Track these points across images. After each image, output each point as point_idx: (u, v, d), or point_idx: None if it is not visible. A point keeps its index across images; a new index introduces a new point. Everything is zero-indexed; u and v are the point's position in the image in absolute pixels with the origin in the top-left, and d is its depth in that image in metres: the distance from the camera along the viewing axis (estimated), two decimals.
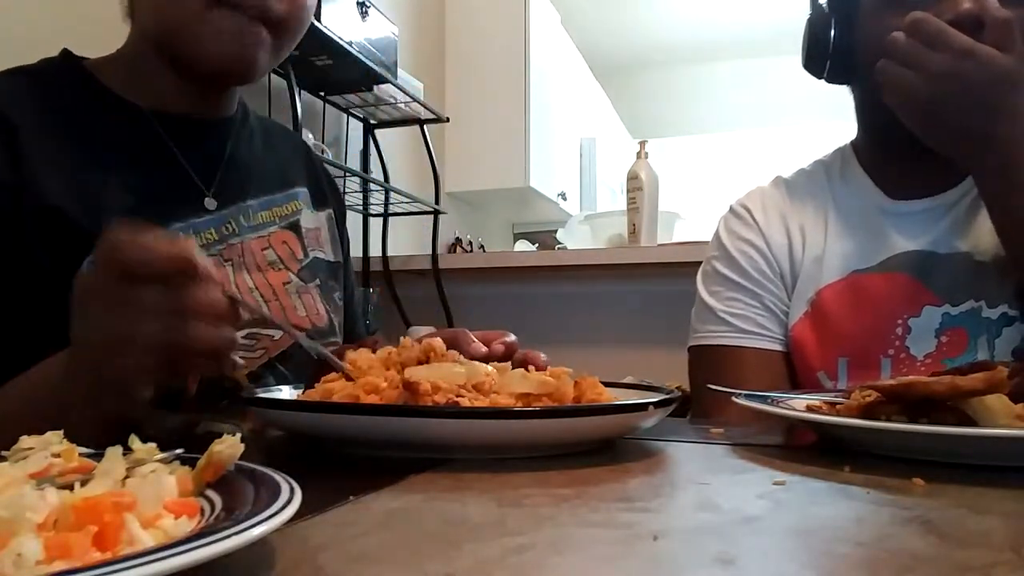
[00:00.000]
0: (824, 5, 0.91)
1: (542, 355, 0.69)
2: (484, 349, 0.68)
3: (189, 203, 0.77)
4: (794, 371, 0.90)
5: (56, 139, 0.70)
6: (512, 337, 0.71)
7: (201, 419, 0.59)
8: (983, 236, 0.84)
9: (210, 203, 0.78)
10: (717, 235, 0.98)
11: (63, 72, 0.76)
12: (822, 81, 0.95)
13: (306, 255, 0.87)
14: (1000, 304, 0.83)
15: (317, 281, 0.86)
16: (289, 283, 0.82)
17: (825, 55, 0.90)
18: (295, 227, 0.87)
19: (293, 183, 0.90)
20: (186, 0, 0.69)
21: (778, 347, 0.90)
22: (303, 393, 0.56)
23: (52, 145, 0.70)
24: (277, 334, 0.77)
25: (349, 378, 0.53)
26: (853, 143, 0.97)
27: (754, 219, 0.95)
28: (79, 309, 0.50)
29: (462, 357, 0.56)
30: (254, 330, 0.76)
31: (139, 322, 0.47)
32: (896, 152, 0.89)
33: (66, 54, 0.78)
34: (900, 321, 0.85)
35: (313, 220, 0.90)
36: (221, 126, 0.84)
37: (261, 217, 0.83)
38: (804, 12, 0.94)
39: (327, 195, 0.97)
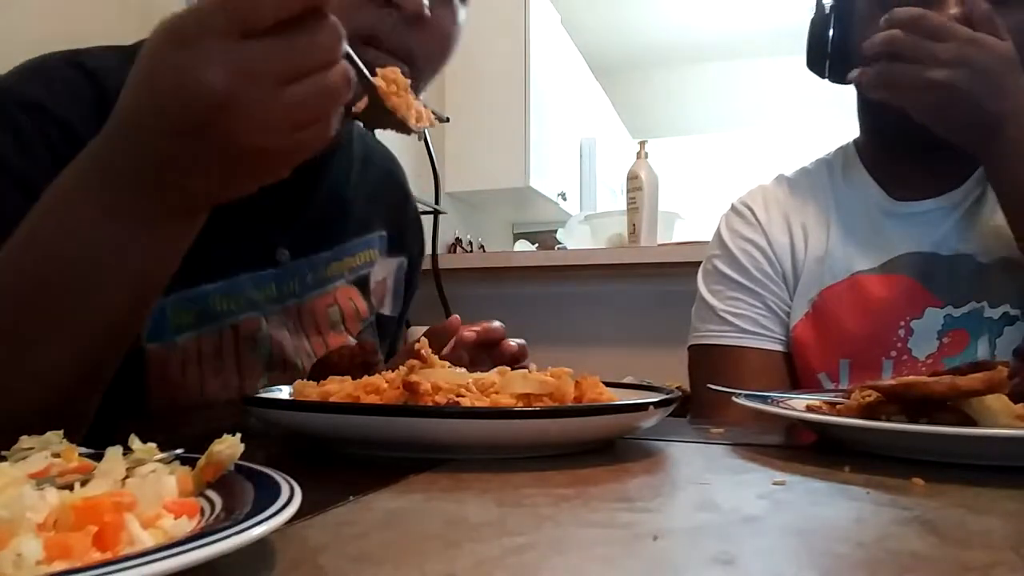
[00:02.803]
0: (826, 6, 0.91)
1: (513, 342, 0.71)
2: (472, 335, 0.69)
3: (256, 252, 0.69)
4: (795, 372, 0.90)
5: None
6: (496, 324, 0.72)
7: None
8: (986, 237, 0.84)
9: (281, 254, 0.71)
10: (719, 233, 0.98)
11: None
12: (822, 82, 0.95)
13: (371, 312, 0.81)
14: (1002, 304, 0.83)
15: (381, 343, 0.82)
16: None
17: (826, 55, 0.91)
18: (363, 282, 0.80)
19: (373, 225, 0.82)
20: None
21: (779, 347, 0.90)
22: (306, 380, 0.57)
23: None
24: None
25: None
26: (855, 142, 0.97)
27: (756, 218, 0.94)
28: (245, 84, 0.39)
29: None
30: None
31: (319, 81, 0.39)
32: (899, 152, 0.89)
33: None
34: (902, 323, 0.85)
35: (382, 270, 0.83)
36: (312, 164, 0.75)
37: (330, 270, 0.76)
38: (804, 13, 0.94)
39: (406, 239, 0.88)
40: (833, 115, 3.33)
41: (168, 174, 0.43)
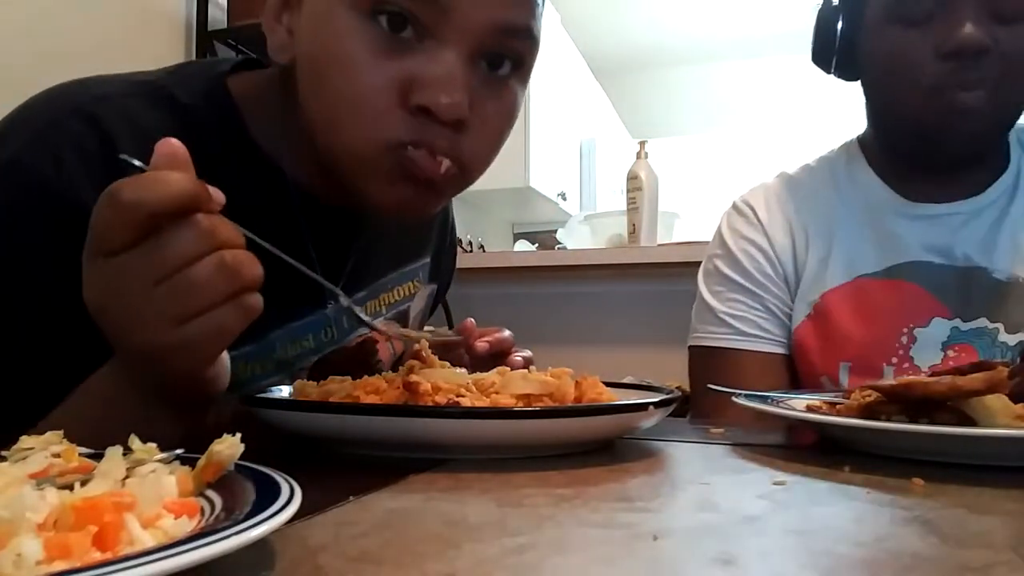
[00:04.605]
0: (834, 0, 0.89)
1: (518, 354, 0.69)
2: (486, 347, 0.68)
3: (305, 300, 0.66)
4: (795, 374, 0.89)
5: None
6: (506, 333, 0.71)
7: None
8: (1007, 253, 0.82)
9: (332, 310, 0.68)
10: (720, 232, 0.96)
11: (204, 103, 0.61)
12: (824, 82, 0.95)
13: (406, 349, 0.77)
14: (1019, 331, 0.80)
15: None
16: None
17: (832, 51, 0.89)
18: (403, 317, 0.77)
19: (417, 255, 0.79)
20: (363, 139, 0.56)
21: (779, 350, 0.89)
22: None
23: None
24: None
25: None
26: (860, 139, 0.94)
27: (758, 218, 0.93)
28: (105, 300, 0.42)
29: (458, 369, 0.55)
30: None
31: (189, 274, 0.40)
32: (911, 163, 0.87)
33: (213, 68, 0.64)
34: (905, 330, 0.83)
35: (420, 299, 0.80)
36: (363, 220, 0.70)
37: (368, 308, 0.73)
38: (805, 13, 0.93)
39: (441, 265, 0.86)
40: (834, 115, 3.33)
41: (128, 370, 0.46)
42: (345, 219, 0.68)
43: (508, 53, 0.58)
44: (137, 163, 0.42)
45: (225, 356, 0.48)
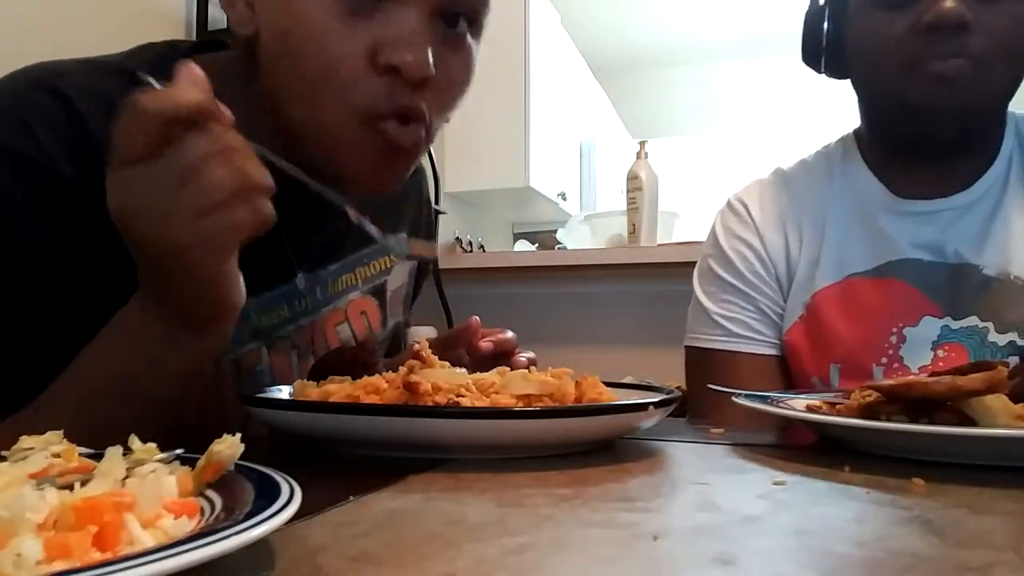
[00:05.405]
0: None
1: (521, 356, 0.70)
2: (490, 346, 0.68)
3: (275, 272, 0.67)
4: (790, 376, 0.89)
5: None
6: (510, 334, 0.71)
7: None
8: (998, 250, 0.81)
9: (301, 280, 0.69)
10: (713, 231, 0.95)
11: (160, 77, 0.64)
12: (823, 81, 0.94)
13: (384, 326, 0.78)
14: (1008, 331, 0.79)
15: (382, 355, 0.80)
16: None
17: (820, 49, 0.89)
18: (379, 291, 0.77)
19: (393, 228, 0.80)
20: (338, 111, 0.57)
21: (772, 351, 0.89)
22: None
23: None
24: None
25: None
26: (856, 132, 0.94)
27: (751, 217, 0.92)
28: (129, 201, 0.45)
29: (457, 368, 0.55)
30: None
31: (206, 174, 0.43)
32: (900, 150, 0.87)
33: (171, 47, 0.65)
34: (895, 330, 0.83)
35: (400, 275, 0.81)
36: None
37: (342, 282, 0.73)
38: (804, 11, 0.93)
39: (420, 240, 0.87)
40: (834, 115, 3.33)
41: (151, 285, 0.49)
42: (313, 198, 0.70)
43: (463, 10, 0.60)
44: (155, 83, 0.46)
45: (238, 272, 0.49)
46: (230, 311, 0.50)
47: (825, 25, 0.88)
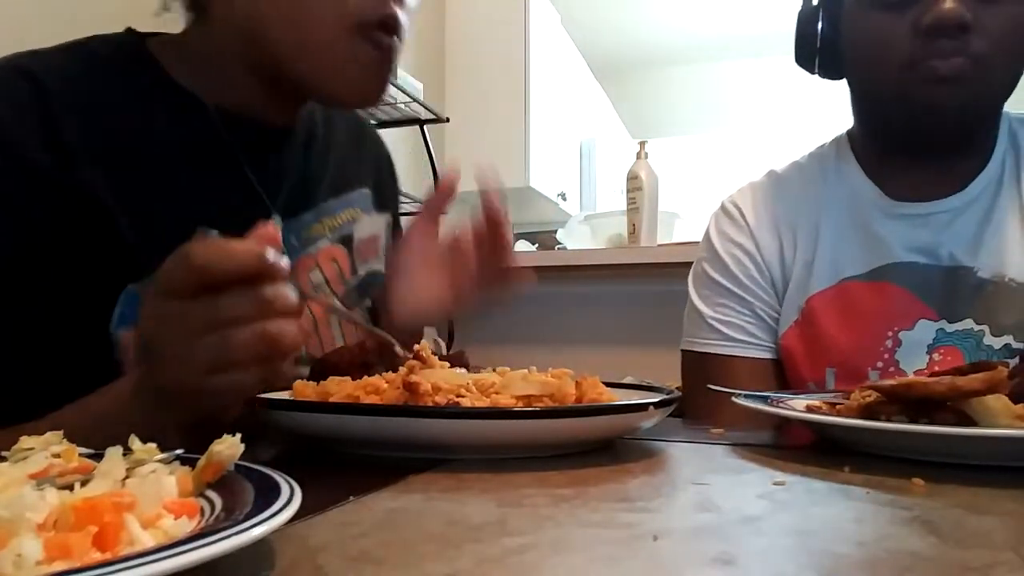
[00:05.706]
0: (813, 0, 0.89)
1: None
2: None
3: (252, 222, 0.71)
4: (785, 379, 0.88)
5: (108, 130, 0.63)
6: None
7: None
8: (992, 253, 0.81)
9: (276, 224, 0.71)
10: (708, 235, 0.95)
11: (122, 52, 0.67)
12: (823, 81, 0.94)
13: (355, 272, 0.80)
14: (1004, 334, 0.79)
15: (367, 302, 0.81)
16: (333, 311, 0.76)
17: (814, 50, 0.88)
18: (347, 240, 0.79)
19: (354, 184, 0.82)
20: (327, 24, 0.62)
21: (767, 355, 0.88)
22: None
23: (101, 135, 0.62)
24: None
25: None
26: (849, 133, 0.93)
27: (745, 220, 0.91)
28: (155, 334, 0.46)
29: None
30: None
31: (233, 334, 0.44)
32: (895, 151, 0.86)
33: (129, 32, 0.70)
34: (890, 333, 0.82)
35: (370, 227, 0.83)
36: (294, 135, 0.75)
37: (312, 231, 0.76)
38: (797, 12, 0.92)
39: (385, 195, 0.88)
40: (833, 115, 3.32)
41: (145, 401, 0.50)
42: (279, 139, 0.73)
43: None
44: (213, 233, 0.47)
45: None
46: (228, 418, 0.51)
47: (819, 26, 0.87)
